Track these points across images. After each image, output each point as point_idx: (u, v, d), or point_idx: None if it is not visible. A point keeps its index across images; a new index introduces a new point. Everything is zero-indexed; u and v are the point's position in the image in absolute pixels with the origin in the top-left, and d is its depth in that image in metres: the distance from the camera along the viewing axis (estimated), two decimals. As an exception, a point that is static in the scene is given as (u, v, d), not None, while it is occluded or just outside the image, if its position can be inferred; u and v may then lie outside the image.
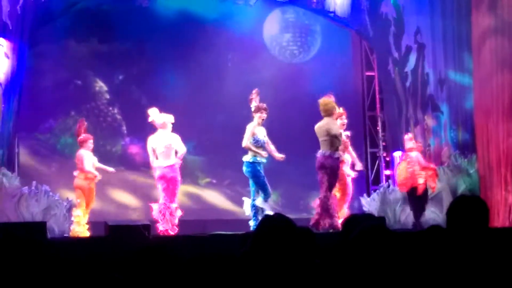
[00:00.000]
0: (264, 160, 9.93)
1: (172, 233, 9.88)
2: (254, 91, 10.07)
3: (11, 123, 11.59)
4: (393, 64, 13.49)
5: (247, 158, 9.86)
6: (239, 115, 10.03)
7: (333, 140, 9.74)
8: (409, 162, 11.10)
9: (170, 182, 10.04)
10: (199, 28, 13.73)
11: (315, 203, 9.88)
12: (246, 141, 9.81)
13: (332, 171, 9.74)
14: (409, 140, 11.35)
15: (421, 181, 10.95)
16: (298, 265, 2.91)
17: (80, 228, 10.35)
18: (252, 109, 9.98)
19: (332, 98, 10.08)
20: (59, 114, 13.26)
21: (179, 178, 10.17)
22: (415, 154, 11.18)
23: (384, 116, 14.26)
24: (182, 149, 10.21)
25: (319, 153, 9.77)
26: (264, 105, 9.96)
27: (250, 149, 9.82)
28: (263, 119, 9.94)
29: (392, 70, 13.54)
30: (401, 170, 11.28)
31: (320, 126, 9.85)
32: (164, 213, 9.98)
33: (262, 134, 9.95)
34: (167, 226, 9.94)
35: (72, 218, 10.48)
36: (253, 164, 9.81)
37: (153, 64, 13.63)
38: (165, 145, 10.08)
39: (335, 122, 9.98)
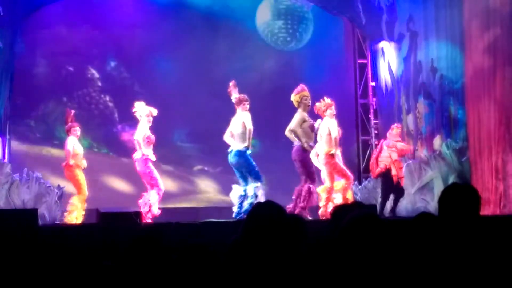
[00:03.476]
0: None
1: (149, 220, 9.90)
2: (230, 83, 10.07)
3: (3, 109, 11.56)
4: (386, 52, 13.49)
5: (239, 147, 9.87)
6: (232, 102, 10.01)
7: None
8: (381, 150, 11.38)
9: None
10: (192, 15, 13.69)
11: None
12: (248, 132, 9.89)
13: (302, 162, 9.93)
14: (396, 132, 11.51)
15: (394, 171, 11.11)
16: (288, 252, 2.91)
17: (72, 217, 10.30)
18: (233, 101, 10.01)
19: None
20: (51, 101, 13.21)
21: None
22: (385, 142, 11.42)
23: (376, 104, 14.28)
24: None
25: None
26: (245, 96, 9.98)
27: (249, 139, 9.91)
28: (247, 109, 9.97)
29: (384, 58, 13.55)
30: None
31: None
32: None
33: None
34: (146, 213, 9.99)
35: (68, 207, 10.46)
36: (243, 152, 9.85)
37: (146, 51, 13.58)
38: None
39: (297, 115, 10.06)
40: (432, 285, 3.00)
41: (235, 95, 10.01)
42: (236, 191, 10.00)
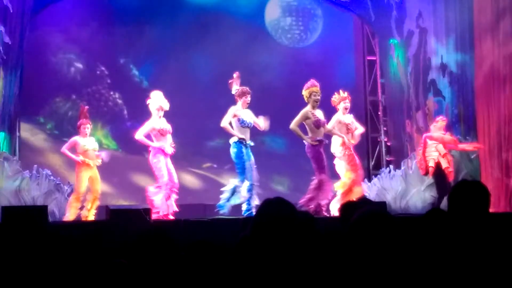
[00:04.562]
0: (251, 143, 9.97)
1: (171, 217, 9.91)
2: (235, 75, 10.09)
3: (12, 106, 11.59)
4: (395, 48, 13.46)
5: (234, 139, 9.91)
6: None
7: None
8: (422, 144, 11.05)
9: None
10: (201, 12, 13.70)
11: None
12: (225, 122, 9.94)
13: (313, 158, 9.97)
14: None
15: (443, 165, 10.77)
16: (298, 249, 2.91)
17: (70, 214, 10.36)
18: (234, 93, 10.04)
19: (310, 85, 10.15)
20: (60, 98, 13.25)
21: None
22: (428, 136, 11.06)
23: (386, 101, 14.24)
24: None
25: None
26: (247, 88, 10.00)
27: (228, 130, 9.93)
28: (248, 103, 9.98)
29: (393, 54, 13.52)
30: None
31: None
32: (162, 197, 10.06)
33: (249, 116, 9.98)
34: (164, 211, 10.00)
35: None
36: (238, 144, 9.86)
37: (154, 48, 13.60)
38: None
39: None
40: (441, 281, 2.99)
41: (236, 87, 10.02)
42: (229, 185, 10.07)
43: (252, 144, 10.02)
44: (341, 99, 10.41)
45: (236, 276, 2.89)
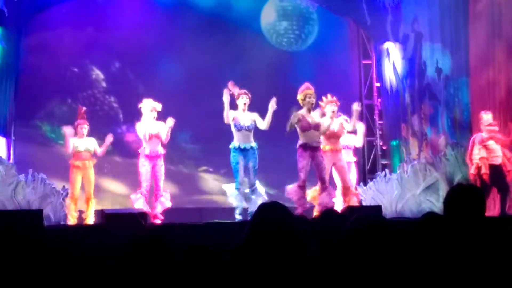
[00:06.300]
0: (245, 146, 9.90)
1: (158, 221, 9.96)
2: (229, 85, 10.03)
3: (7, 110, 11.59)
4: (391, 52, 13.48)
5: (232, 144, 9.91)
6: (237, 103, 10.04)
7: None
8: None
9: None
10: (196, 16, 13.70)
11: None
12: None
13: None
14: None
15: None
16: (295, 253, 2.91)
17: (70, 217, 10.37)
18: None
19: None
20: (56, 102, 13.24)
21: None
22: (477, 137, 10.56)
23: (381, 104, 14.26)
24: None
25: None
26: (243, 90, 9.95)
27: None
28: (244, 104, 9.92)
29: (389, 58, 13.54)
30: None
31: None
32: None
33: (245, 119, 9.93)
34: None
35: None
36: (231, 150, 9.84)
37: (150, 52, 13.60)
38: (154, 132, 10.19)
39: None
40: (437, 285, 2.99)
41: (237, 91, 10.01)
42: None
43: (247, 147, 9.93)
44: (327, 103, 10.34)
45: (232, 281, 2.88)
